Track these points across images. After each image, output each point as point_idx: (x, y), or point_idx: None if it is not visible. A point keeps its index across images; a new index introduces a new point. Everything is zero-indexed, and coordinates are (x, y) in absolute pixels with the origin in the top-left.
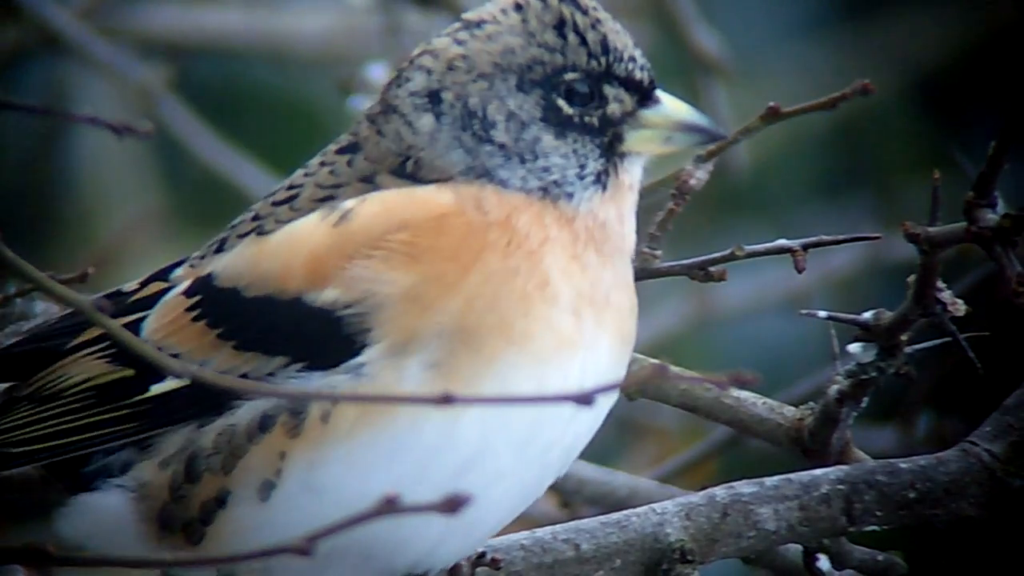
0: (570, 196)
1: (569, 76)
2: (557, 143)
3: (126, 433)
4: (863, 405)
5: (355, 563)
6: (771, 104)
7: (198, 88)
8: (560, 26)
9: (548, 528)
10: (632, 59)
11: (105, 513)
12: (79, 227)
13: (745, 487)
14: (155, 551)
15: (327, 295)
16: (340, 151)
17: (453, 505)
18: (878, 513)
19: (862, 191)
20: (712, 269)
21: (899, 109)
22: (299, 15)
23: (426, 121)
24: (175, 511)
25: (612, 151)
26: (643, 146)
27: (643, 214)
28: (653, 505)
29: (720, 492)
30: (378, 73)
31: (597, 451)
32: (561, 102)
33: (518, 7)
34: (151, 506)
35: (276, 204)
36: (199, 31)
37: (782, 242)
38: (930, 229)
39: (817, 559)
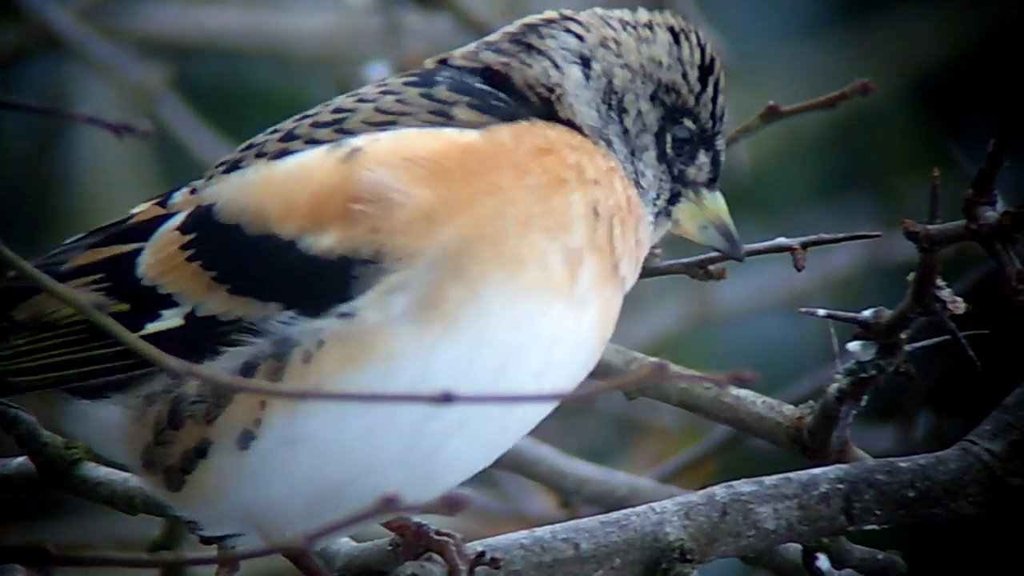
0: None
1: (687, 122)
2: (655, 163)
3: (119, 369)
4: (863, 404)
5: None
6: (771, 103)
7: (198, 88)
8: (706, 73)
9: (547, 527)
10: (723, 140)
11: (104, 424)
12: (79, 227)
13: (744, 486)
14: (142, 478)
15: (326, 239)
16: (409, 83)
17: (451, 505)
18: (877, 512)
19: (862, 191)
20: (712, 267)
21: (899, 109)
22: (299, 15)
23: (575, 72)
24: (158, 454)
25: (668, 202)
26: (684, 219)
27: None
28: (653, 504)
29: (719, 491)
30: (378, 73)
31: (597, 451)
32: (669, 136)
33: (672, 32)
34: (140, 440)
35: (318, 126)
36: (199, 31)
37: (781, 240)
38: (930, 227)
39: (816, 558)
